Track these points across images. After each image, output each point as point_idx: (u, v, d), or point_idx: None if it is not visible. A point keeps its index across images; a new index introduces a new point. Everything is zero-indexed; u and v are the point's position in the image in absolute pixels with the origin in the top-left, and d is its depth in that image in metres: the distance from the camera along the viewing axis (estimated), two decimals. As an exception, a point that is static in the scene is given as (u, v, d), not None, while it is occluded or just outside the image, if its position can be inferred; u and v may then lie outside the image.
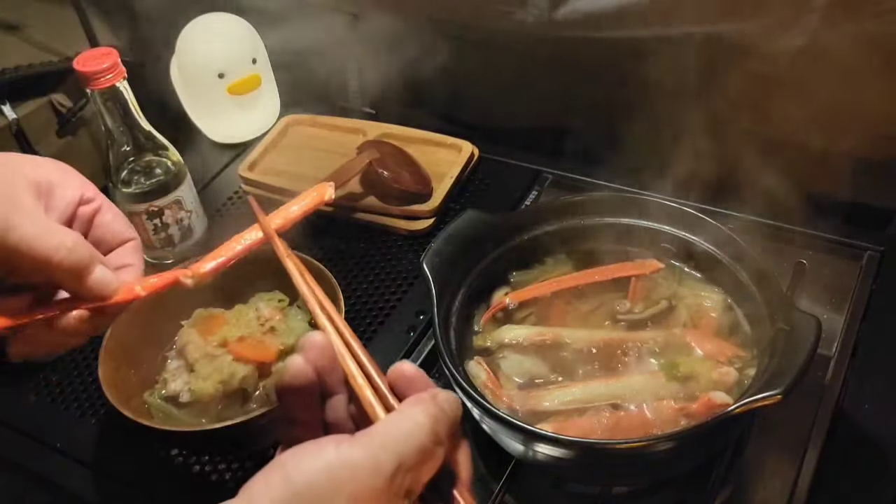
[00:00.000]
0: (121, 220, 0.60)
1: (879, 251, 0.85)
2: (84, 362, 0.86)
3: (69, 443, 0.79)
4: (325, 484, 0.40)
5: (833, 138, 0.86)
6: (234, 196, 1.06)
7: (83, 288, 0.54)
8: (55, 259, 0.52)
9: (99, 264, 0.55)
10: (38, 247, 0.52)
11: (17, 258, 0.52)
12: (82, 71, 0.80)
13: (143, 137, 0.88)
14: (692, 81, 0.89)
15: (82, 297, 0.54)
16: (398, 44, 1.12)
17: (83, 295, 0.54)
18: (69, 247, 0.53)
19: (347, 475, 0.40)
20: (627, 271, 0.78)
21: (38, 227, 0.53)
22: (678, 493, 0.70)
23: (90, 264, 0.54)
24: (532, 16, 0.94)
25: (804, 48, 0.80)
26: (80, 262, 0.53)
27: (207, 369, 0.75)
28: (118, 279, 0.56)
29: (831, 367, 0.76)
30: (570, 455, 0.63)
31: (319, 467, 0.41)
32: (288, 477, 0.40)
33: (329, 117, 1.11)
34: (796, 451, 0.70)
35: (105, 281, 0.55)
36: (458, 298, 0.75)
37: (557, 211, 0.80)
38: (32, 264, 0.52)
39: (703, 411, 0.65)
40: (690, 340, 0.72)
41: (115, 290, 0.55)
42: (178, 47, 1.08)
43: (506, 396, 0.70)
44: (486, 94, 1.08)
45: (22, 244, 0.51)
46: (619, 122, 0.91)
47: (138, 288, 0.57)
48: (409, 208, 0.95)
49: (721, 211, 0.86)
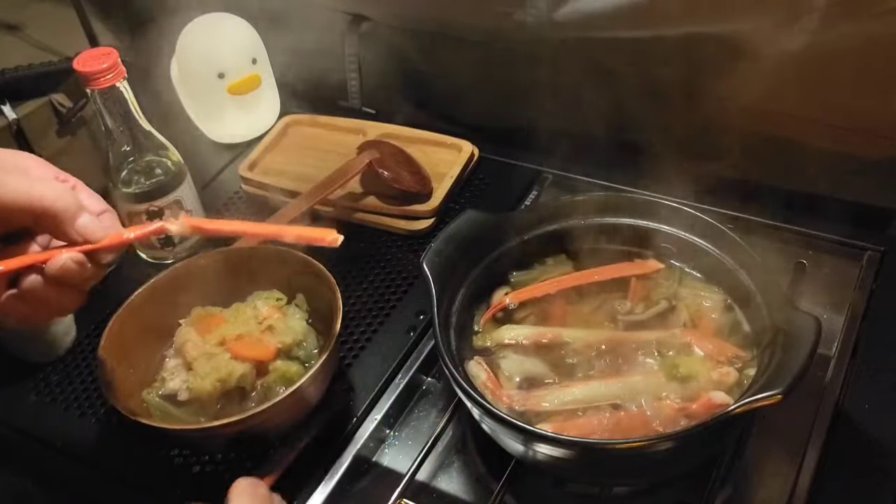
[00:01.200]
0: (96, 197, 0.63)
1: (879, 251, 0.85)
2: (84, 362, 0.86)
3: (69, 443, 0.79)
4: None
5: (833, 138, 0.86)
6: (234, 196, 1.06)
7: (72, 231, 0.58)
8: (44, 205, 0.57)
9: (85, 212, 0.59)
10: (26, 197, 0.57)
11: (7, 212, 0.57)
12: (82, 71, 0.80)
13: (143, 137, 0.88)
14: (692, 81, 0.90)
15: (72, 241, 0.59)
16: (398, 44, 1.12)
17: (73, 239, 0.59)
18: (56, 194, 0.58)
19: None
20: (627, 271, 0.78)
21: (23, 181, 0.58)
22: (678, 493, 0.70)
23: (77, 210, 0.58)
24: (532, 16, 0.94)
25: (804, 48, 0.80)
26: (68, 208, 0.58)
27: (206, 368, 0.75)
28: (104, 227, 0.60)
29: (831, 367, 0.76)
30: (570, 455, 0.63)
31: None
32: None
33: (329, 117, 1.11)
34: (796, 451, 0.70)
35: (93, 225, 0.59)
36: (458, 298, 0.75)
37: (557, 211, 0.80)
38: (22, 214, 0.57)
39: (703, 411, 0.65)
40: (690, 340, 0.72)
41: (103, 235, 0.59)
42: (178, 47, 1.08)
43: (506, 396, 0.70)
44: (486, 94, 1.08)
45: (9, 197, 0.56)
46: (619, 122, 0.91)
47: (127, 232, 0.61)
48: (409, 208, 0.96)
49: (721, 211, 0.86)
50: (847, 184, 0.87)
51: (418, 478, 0.73)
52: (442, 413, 0.78)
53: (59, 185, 0.60)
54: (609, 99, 0.93)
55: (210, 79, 1.06)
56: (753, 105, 0.88)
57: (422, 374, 0.82)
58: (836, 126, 0.86)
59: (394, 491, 0.71)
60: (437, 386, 0.81)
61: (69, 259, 0.58)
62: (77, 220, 0.58)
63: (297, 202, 0.93)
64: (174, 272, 0.82)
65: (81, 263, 0.58)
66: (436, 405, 0.80)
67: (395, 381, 0.80)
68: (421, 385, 0.82)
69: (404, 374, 0.80)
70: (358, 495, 0.73)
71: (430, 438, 0.74)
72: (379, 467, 0.76)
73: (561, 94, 0.99)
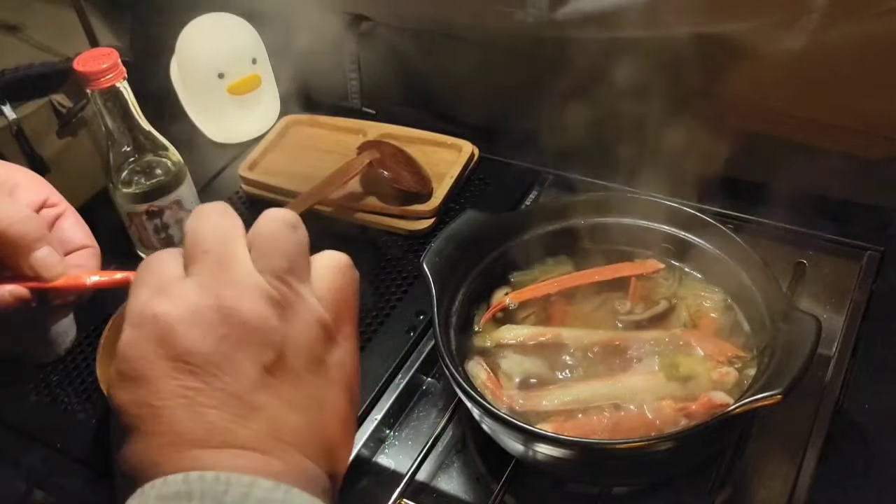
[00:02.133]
0: (82, 228, 0.59)
1: (879, 251, 0.85)
2: (84, 362, 0.86)
3: (69, 443, 0.79)
4: None
5: (833, 138, 0.86)
6: (234, 196, 1.06)
7: (25, 263, 0.53)
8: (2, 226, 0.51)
9: (47, 244, 0.53)
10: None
11: None
12: (82, 71, 0.80)
13: (143, 137, 0.88)
14: (692, 81, 0.90)
15: (24, 274, 0.53)
16: (398, 44, 1.12)
17: (25, 271, 0.53)
18: (17, 217, 0.52)
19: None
20: (627, 271, 0.78)
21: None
22: (678, 493, 0.70)
23: (38, 240, 0.53)
24: (532, 16, 0.94)
25: (804, 48, 0.80)
26: (28, 235, 0.52)
27: (207, 369, 0.75)
28: (65, 266, 0.54)
29: (831, 367, 0.76)
30: (570, 455, 0.63)
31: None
32: None
33: (329, 117, 1.11)
34: (796, 451, 0.70)
35: (50, 261, 0.53)
36: (458, 298, 0.75)
37: (557, 211, 0.80)
38: None
39: (703, 411, 0.65)
40: (690, 340, 0.72)
41: (59, 273, 0.54)
42: (178, 47, 1.08)
43: (506, 396, 0.70)
44: (486, 94, 1.08)
45: None
46: (619, 122, 0.91)
47: (86, 277, 0.55)
48: (409, 208, 0.95)
49: (721, 211, 0.86)
50: (847, 184, 0.87)
51: (418, 478, 0.73)
52: (442, 413, 0.78)
53: (24, 208, 0.54)
54: (609, 99, 0.93)
55: (210, 79, 1.06)
56: (754, 105, 0.88)
57: (422, 374, 0.82)
58: (837, 126, 0.86)
59: (394, 491, 0.71)
60: (437, 386, 0.81)
61: (7, 292, 0.52)
62: (34, 252, 0.52)
63: (297, 202, 0.93)
64: (174, 272, 0.82)
65: (22, 300, 0.53)
66: (436, 405, 0.80)
67: (395, 381, 0.80)
68: (421, 385, 0.82)
69: (404, 374, 0.80)
70: (358, 495, 0.73)
71: (430, 438, 0.74)
72: (379, 467, 0.76)
73: (561, 94, 0.99)
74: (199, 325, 0.39)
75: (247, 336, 0.40)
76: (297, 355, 0.41)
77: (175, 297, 0.40)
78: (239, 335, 0.40)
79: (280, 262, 0.42)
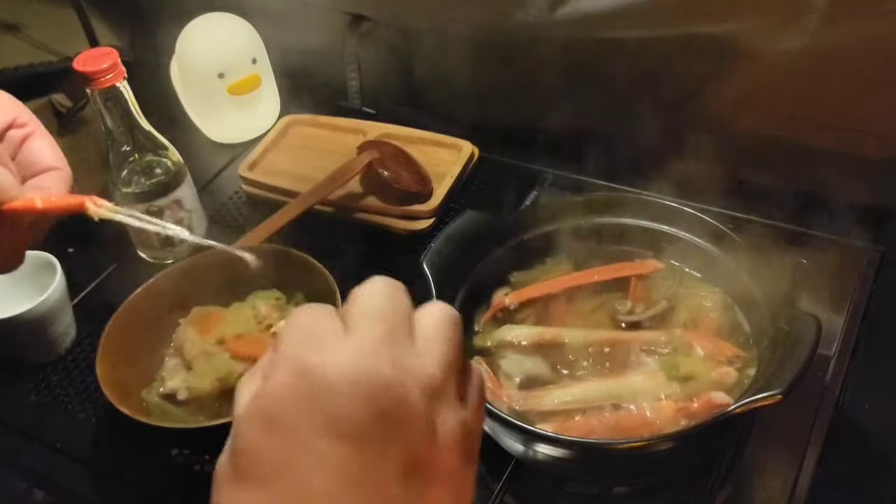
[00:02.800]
0: (51, 150, 0.56)
1: (879, 251, 0.85)
2: (84, 362, 0.86)
3: (69, 443, 0.79)
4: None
5: (833, 138, 0.86)
6: (234, 196, 1.06)
7: None
8: None
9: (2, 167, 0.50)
10: None
11: None
12: (82, 71, 0.80)
13: (143, 137, 0.88)
14: (692, 81, 0.90)
15: None
16: (398, 44, 1.12)
17: None
18: None
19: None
20: (627, 271, 0.78)
21: None
22: (678, 493, 0.70)
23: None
24: (532, 16, 0.94)
25: (804, 48, 0.80)
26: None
27: (205, 367, 0.75)
28: (20, 189, 0.51)
29: (831, 367, 0.76)
30: (570, 455, 0.63)
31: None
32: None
33: (329, 117, 1.11)
34: (796, 451, 0.70)
35: (3, 182, 0.50)
36: (458, 298, 0.75)
37: (557, 211, 0.80)
38: None
39: (703, 411, 0.65)
40: (690, 340, 0.72)
41: (13, 196, 0.50)
42: (178, 47, 1.08)
43: (506, 396, 0.70)
44: (486, 94, 1.08)
45: None
46: (619, 122, 0.91)
47: (38, 200, 0.52)
48: (409, 208, 0.95)
49: (721, 211, 0.86)
50: (847, 184, 0.87)
51: (418, 478, 0.73)
52: (442, 413, 0.78)
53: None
54: (609, 99, 0.94)
55: (210, 79, 1.06)
56: (754, 105, 0.88)
57: (422, 374, 0.81)
58: (836, 126, 0.86)
59: (394, 491, 0.71)
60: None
61: None
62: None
63: (297, 202, 0.93)
64: (174, 272, 0.82)
65: None
66: (436, 405, 0.80)
67: (395, 381, 0.80)
68: (421, 385, 0.82)
69: (404, 374, 0.80)
70: (358, 495, 0.73)
71: (430, 438, 0.74)
72: (379, 467, 0.75)
73: (561, 94, 0.99)
74: (360, 390, 0.34)
75: (405, 420, 0.34)
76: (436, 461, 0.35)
77: (340, 352, 0.35)
78: (399, 416, 0.34)
79: (449, 354, 0.38)
